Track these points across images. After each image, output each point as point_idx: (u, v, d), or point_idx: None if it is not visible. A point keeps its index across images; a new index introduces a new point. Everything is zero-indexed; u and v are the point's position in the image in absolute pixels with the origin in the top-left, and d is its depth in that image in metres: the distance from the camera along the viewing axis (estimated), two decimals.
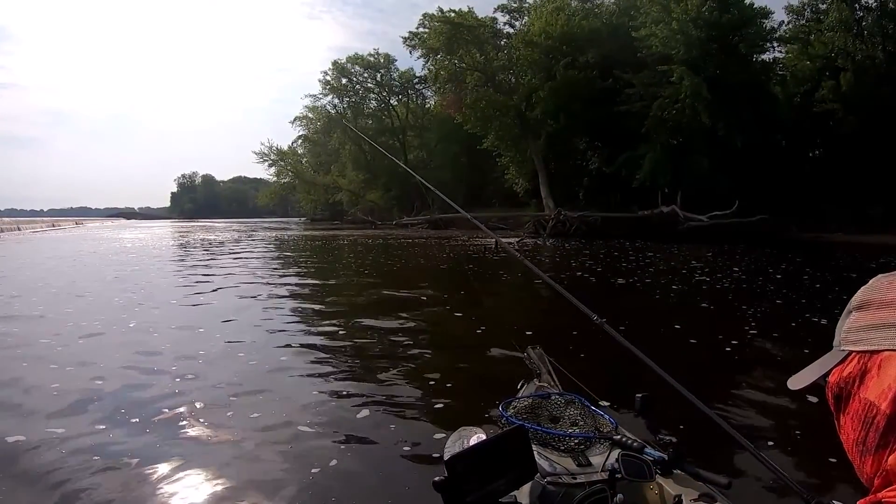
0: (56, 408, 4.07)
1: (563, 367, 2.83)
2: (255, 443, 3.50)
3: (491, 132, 37.05)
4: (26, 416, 3.94)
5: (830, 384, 0.71)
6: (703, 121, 26.69)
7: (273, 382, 4.75)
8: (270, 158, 61.22)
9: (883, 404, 0.62)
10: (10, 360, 5.41)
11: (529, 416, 2.17)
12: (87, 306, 8.63)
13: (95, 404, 4.14)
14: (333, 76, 59.43)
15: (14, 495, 2.87)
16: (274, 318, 7.82)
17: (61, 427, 3.68)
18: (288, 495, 2.84)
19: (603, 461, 1.83)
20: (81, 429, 3.69)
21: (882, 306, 0.66)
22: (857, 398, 0.67)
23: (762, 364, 5.52)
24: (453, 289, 10.78)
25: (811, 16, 29.79)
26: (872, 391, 0.64)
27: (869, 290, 0.69)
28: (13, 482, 2.99)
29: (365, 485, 2.98)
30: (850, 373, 0.67)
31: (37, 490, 2.90)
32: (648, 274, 13.39)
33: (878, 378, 0.63)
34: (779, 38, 30.12)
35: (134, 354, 5.58)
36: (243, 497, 2.84)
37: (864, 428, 0.65)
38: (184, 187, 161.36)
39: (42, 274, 13.13)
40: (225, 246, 24.66)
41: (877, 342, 0.64)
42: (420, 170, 52.14)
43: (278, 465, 3.20)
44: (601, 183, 32.31)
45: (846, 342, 0.69)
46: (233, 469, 3.13)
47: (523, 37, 36.35)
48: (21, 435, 3.51)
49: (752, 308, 8.40)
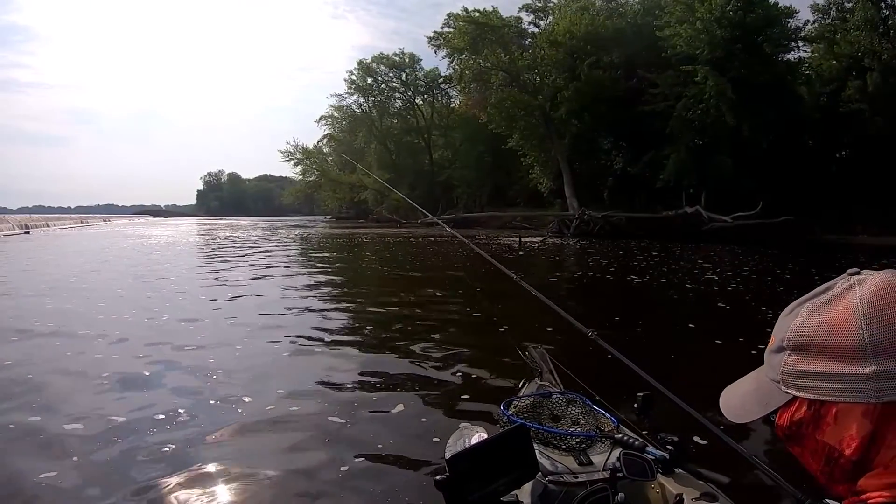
0: (106, 395, 4.41)
1: (564, 366, 2.87)
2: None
3: (516, 132, 37.88)
4: (72, 404, 4.23)
5: (779, 426, 0.72)
6: (727, 121, 27.16)
7: (271, 370, 5.22)
8: (296, 157, 62.63)
9: (847, 451, 0.64)
10: (54, 351, 5.82)
11: (531, 414, 2.20)
12: (121, 300, 9.26)
13: (141, 391, 4.51)
14: (359, 75, 60.95)
15: (66, 479, 3.09)
16: (295, 311, 8.36)
17: (118, 416, 3.94)
18: (277, 493, 2.95)
19: (604, 460, 1.86)
20: (125, 416, 3.95)
21: (824, 351, 0.65)
22: (812, 438, 0.68)
23: None
24: (464, 288, 10.92)
25: (837, 15, 29.79)
26: (831, 437, 0.65)
27: (805, 328, 0.68)
28: (65, 465, 3.24)
29: (364, 484, 3.04)
30: (800, 418, 0.68)
31: (89, 475, 3.13)
32: (667, 274, 13.73)
33: (835, 427, 0.65)
34: (804, 37, 30.40)
35: (169, 347, 5.96)
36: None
37: (828, 464, 0.67)
38: (210, 185, 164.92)
39: (82, 269, 14.13)
40: (251, 243, 25.87)
41: (828, 394, 0.65)
42: (445, 169, 53.12)
43: (268, 461, 3.30)
44: (625, 183, 32.94)
45: (790, 386, 0.69)
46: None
47: (548, 36, 37.19)
48: (78, 424, 3.80)
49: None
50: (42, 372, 5.04)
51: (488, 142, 44.00)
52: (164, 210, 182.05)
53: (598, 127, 34.43)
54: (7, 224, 35.12)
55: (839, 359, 0.63)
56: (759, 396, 0.74)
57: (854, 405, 0.63)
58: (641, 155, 31.16)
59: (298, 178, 71.70)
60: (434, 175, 55.24)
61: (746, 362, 2.88)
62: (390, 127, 61.82)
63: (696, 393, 3.14)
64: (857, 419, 0.63)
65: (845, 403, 0.63)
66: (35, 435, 3.62)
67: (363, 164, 64.16)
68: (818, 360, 0.65)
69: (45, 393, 4.45)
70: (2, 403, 4.15)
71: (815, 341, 0.66)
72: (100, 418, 3.91)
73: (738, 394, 0.79)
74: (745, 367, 0.80)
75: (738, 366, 3.26)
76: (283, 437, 3.67)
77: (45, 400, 4.28)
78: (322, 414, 4.06)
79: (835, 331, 0.64)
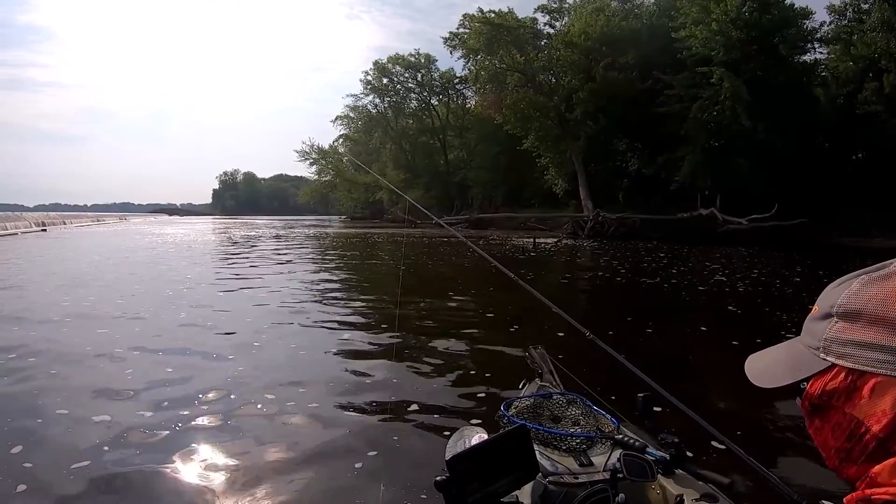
0: (132, 388, 4.55)
1: (564, 367, 2.88)
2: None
3: (531, 133, 38.30)
4: (104, 397, 4.37)
5: (810, 394, 0.70)
6: (742, 123, 27.36)
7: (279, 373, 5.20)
8: (312, 157, 63.48)
9: (875, 427, 0.63)
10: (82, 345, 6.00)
11: (531, 415, 2.19)
12: (140, 296, 9.49)
13: (160, 389, 4.60)
14: (375, 76, 62.02)
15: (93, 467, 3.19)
16: (308, 309, 8.56)
17: (146, 410, 4.08)
18: (272, 491, 3.00)
19: (605, 461, 1.87)
20: (149, 409, 4.09)
21: (876, 322, 0.64)
22: (840, 411, 0.67)
23: None
24: (477, 288, 11.18)
25: (853, 16, 29.64)
26: (861, 410, 0.65)
27: (858, 297, 0.66)
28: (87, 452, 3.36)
29: (364, 484, 3.07)
30: (834, 387, 0.67)
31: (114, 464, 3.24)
32: (680, 276, 13.86)
33: (870, 400, 0.64)
34: (820, 38, 30.56)
35: (189, 343, 6.12)
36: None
37: (849, 441, 0.66)
38: (225, 184, 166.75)
39: (98, 265, 14.66)
40: (267, 241, 26.49)
41: (871, 364, 0.64)
42: (460, 170, 53.55)
43: (265, 458, 3.39)
44: (640, 185, 33.27)
45: (829, 353, 0.68)
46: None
47: (563, 37, 37.58)
48: (106, 415, 3.98)
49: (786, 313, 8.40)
50: (65, 362, 5.31)
51: (504, 143, 44.46)
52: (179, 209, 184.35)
53: (613, 128, 34.78)
54: (24, 221, 35.77)
55: (890, 331, 0.62)
56: (791, 362, 0.73)
57: (894, 380, 0.62)
58: (657, 156, 31.43)
59: (314, 178, 72.85)
60: (449, 175, 55.85)
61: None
62: (406, 127, 62.63)
63: (700, 394, 3.67)
64: (893, 395, 0.62)
65: (886, 377, 0.62)
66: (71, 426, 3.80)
67: (379, 164, 64.94)
68: (867, 330, 0.65)
69: (67, 386, 4.63)
70: (28, 417, 4.03)
71: (867, 311, 0.65)
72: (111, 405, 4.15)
73: (766, 359, 0.79)
74: (734, 368, 0.83)
75: (729, 368, 2.78)
76: (268, 433, 3.75)
77: (67, 395, 4.41)
78: (319, 412, 4.13)
79: (890, 302, 0.63)
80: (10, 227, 31.80)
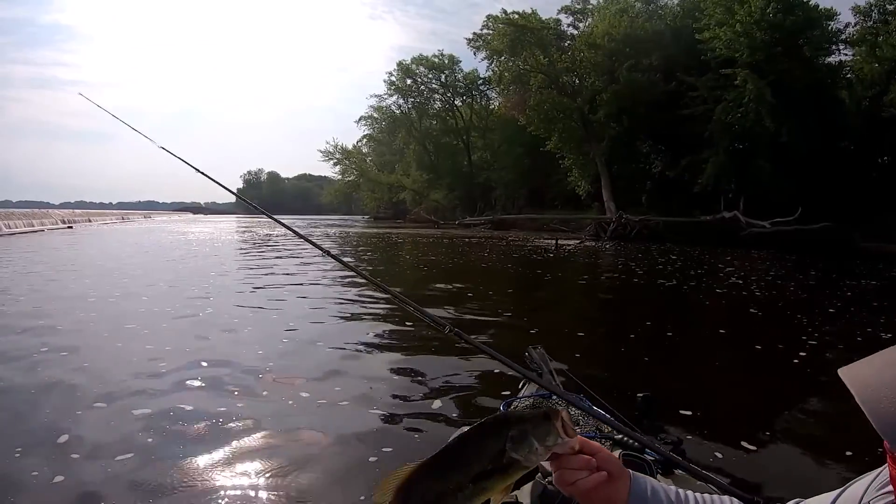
0: (169, 381, 4.70)
1: (564, 367, 2.89)
2: None
3: (554, 134, 38.80)
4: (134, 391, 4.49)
5: None
6: (766, 125, 27.49)
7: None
8: (336, 157, 64.63)
9: None
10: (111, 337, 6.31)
11: None
12: (168, 293, 9.77)
13: (196, 382, 4.73)
14: (398, 77, 63.14)
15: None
16: (329, 306, 8.81)
17: (185, 403, 4.20)
18: (268, 486, 3.05)
19: None
20: (188, 403, 4.20)
21: None
22: None
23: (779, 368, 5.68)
24: (495, 288, 11.32)
25: (879, 17, 29.42)
26: None
27: None
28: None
29: (364, 483, 3.08)
30: None
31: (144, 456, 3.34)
32: (700, 278, 14.02)
33: None
34: (845, 40, 30.42)
35: (215, 339, 6.30)
36: None
37: None
38: (249, 183, 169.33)
39: (125, 262, 15.22)
40: (290, 240, 26.93)
41: None
42: (483, 171, 54.14)
43: (290, 448, 3.50)
44: (664, 187, 33.55)
45: None
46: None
47: (586, 38, 38.04)
48: (147, 409, 4.09)
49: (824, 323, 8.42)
50: (95, 358, 5.44)
51: (527, 144, 45.11)
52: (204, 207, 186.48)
53: (636, 130, 35.13)
54: (50, 218, 36.84)
55: None
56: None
57: None
58: (680, 159, 31.67)
59: (337, 178, 74.20)
60: (473, 176, 56.58)
61: (775, 371, 5.08)
62: (429, 128, 63.56)
63: (704, 396, 3.91)
64: None
65: None
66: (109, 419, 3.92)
67: (402, 164, 65.81)
68: None
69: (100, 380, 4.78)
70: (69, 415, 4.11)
71: None
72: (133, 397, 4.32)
73: (875, 366, 0.69)
74: (776, 377, 1.23)
75: (762, 375, 5.36)
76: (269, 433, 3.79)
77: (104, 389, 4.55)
78: (321, 411, 4.20)
79: None
80: (35, 224, 32.87)
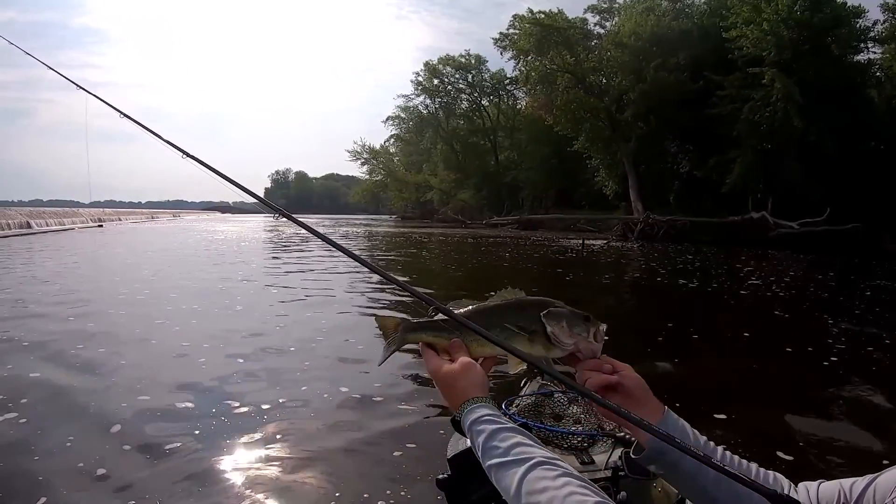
0: (209, 378, 4.89)
1: None
2: None
3: (581, 134, 39.46)
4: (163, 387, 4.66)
5: None
6: (795, 124, 27.64)
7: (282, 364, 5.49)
8: (363, 157, 65.86)
9: None
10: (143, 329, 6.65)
11: (532, 413, 2.22)
12: (203, 291, 10.03)
13: (235, 378, 4.93)
14: (425, 77, 64.37)
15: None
16: (351, 305, 8.97)
17: (228, 399, 4.37)
18: (309, 478, 3.17)
19: (606, 459, 1.90)
20: (231, 398, 4.39)
21: None
22: None
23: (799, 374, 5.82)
24: (515, 286, 12.02)
25: None
26: None
27: None
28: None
29: (365, 483, 3.14)
30: None
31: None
32: (726, 279, 14.16)
33: None
34: (874, 38, 30.19)
35: (247, 337, 6.47)
36: None
37: None
38: (277, 183, 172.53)
39: (155, 259, 16.06)
40: (317, 240, 27.66)
41: None
42: (511, 170, 54.74)
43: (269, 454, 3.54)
44: (691, 187, 33.88)
45: None
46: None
47: (613, 38, 38.52)
48: (189, 402, 4.30)
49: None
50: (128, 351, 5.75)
51: (554, 144, 45.76)
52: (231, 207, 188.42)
53: (663, 130, 35.44)
54: (81, 217, 38.24)
55: None
56: None
57: None
58: (707, 158, 31.87)
59: (365, 178, 75.58)
60: (500, 176, 57.26)
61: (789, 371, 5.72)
62: (457, 128, 64.43)
63: (708, 396, 4.09)
64: None
65: None
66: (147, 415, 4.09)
67: (430, 164, 66.61)
68: None
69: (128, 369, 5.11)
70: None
71: None
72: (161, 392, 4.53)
73: None
74: (788, 376, 1.75)
75: (782, 376, 5.87)
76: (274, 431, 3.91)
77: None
78: (324, 411, 4.31)
79: None
80: (66, 223, 34.07)
